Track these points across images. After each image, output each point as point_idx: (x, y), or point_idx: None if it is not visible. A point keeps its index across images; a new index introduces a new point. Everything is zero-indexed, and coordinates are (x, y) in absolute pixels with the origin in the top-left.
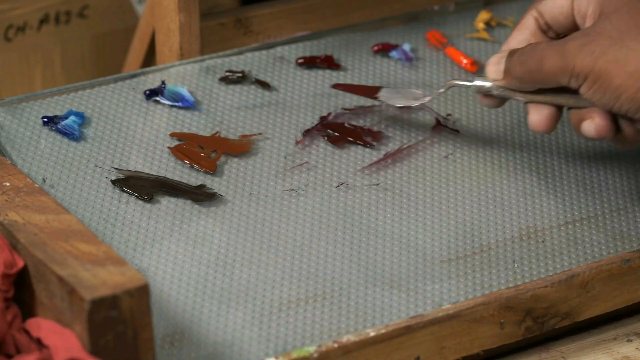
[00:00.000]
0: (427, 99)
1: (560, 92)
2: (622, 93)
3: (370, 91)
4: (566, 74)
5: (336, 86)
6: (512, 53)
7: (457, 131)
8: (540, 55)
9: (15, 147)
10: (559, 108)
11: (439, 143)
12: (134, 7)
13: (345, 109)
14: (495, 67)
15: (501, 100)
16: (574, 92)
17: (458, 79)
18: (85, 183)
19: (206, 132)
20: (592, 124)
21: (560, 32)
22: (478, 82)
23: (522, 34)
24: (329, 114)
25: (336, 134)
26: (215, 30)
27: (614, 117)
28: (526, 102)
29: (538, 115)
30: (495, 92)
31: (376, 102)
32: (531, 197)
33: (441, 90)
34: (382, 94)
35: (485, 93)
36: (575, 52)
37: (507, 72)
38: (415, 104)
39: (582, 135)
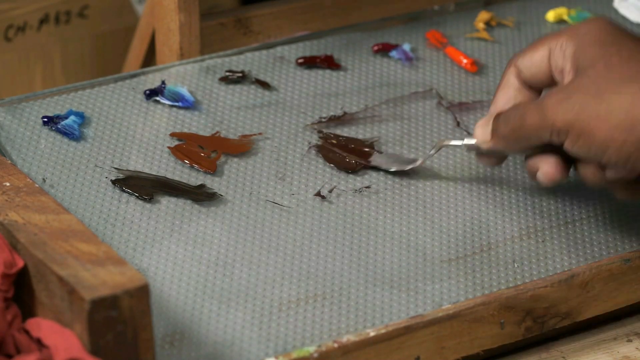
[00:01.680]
0: (419, 162)
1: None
2: (608, 147)
3: (362, 154)
4: (547, 130)
5: (318, 148)
6: (498, 115)
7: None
8: (522, 113)
9: (15, 147)
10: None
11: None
12: (134, 7)
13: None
14: (482, 129)
15: (500, 158)
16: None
17: (447, 139)
18: (85, 183)
19: (206, 132)
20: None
21: (539, 87)
22: (468, 141)
23: (507, 93)
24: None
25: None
26: (215, 30)
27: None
28: (526, 156)
29: (548, 166)
30: (484, 150)
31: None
32: (531, 197)
33: (432, 152)
34: (374, 159)
35: (476, 151)
36: (555, 109)
37: (493, 133)
38: (407, 167)
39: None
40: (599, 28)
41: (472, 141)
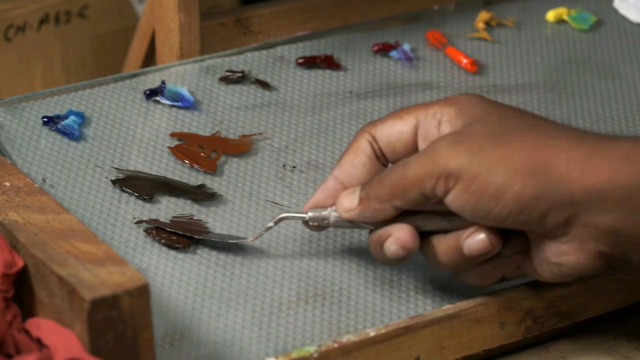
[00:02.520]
0: (251, 238)
1: (413, 215)
2: (504, 192)
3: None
4: (434, 176)
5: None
6: (365, 184)
7: None
8: (403, 164)
9: (15, 147)
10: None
11: None
12: (134, 7)
13: None
14: (348, 197)
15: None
16: (427, 215)
17: (289, 212)
18: (85, 183)
19: (206, 132)
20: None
21: (391, 159)
22: (313, 214)
23: (356, 158)
24: None
25: None
26: (215, 30)
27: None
28: (372, 229)
29: (402, 232)
30: (332, 221)
31: None
32: None
33: (270, 224)
34: (209, 235)
35: (322, 224)
36: (448, 149)
37: (363, 199)
38: (240, 240)
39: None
40: (475, 96)
41: (319, 213)
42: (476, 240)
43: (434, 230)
